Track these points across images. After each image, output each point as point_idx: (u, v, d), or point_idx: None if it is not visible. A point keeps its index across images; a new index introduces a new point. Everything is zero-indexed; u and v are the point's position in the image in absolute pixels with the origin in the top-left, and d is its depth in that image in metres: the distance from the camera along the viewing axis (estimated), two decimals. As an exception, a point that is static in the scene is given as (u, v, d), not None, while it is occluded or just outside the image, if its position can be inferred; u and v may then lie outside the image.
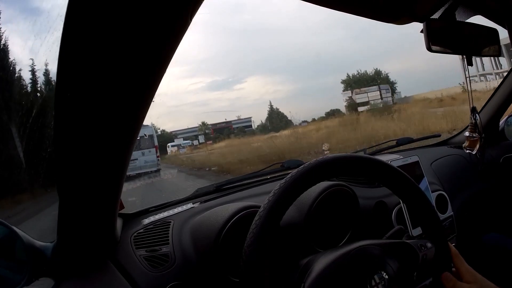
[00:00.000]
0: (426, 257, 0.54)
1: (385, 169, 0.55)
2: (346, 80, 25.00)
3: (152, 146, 11.58)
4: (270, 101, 34.99)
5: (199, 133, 31.11)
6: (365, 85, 22.22)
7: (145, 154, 11.10)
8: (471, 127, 1.04)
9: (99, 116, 0.39)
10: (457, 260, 0.56)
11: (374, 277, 0.48)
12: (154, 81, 0.38)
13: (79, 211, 0.52)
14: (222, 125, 31.77)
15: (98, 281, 0.57)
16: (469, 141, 1.07)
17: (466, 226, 1.05)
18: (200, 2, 0.32)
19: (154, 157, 11.42)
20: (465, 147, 1.08)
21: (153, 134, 12.09)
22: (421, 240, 0.56)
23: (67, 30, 0.31)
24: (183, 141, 28.82)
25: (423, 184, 0.92)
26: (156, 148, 11.72)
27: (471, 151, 1.09)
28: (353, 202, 0.82)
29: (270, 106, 32.17)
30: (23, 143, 5.07)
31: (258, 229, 0.45)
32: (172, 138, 30.13)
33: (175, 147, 26.15)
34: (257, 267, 0.44)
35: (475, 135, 1.04)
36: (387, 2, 0.67)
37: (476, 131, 1.03)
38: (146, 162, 10.84)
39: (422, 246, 0.55)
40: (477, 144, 1.05)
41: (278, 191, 0.48)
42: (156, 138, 12.54)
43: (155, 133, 13.21)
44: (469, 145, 1.07)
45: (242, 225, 0.63)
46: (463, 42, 0.79)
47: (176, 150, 25.17)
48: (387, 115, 13.88)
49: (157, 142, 12.27)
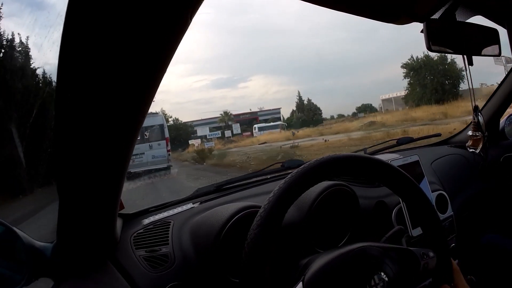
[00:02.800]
0: (427, 265, 0.54)
1: (385, 169, 0.55)
2: (408, 64, 20.48)
3: (162, 138, 9.65)
4: (298, 91, 32.14)
5: (219, 123, 26.01)
6: (430, 71, 19.33)
7: (153, 148, 9.25)
8: (474, 126, 1.04)
9: (99, 116, 0.39)
10: (457, 276, 0.56)
11: (373, 277, 0.48)
12: (154, 80, 0.38)
13: (79, 211, 0.52)
14: (247, 117, 28.45)
15: (98, 281, 0.57)
16: (472, 140, 1.06)
17: (466, 226, 1.05)
18: (200, 2, 0.32)
19: (164, 151, 9.57)
20: (468, 146, 1.08)
21: (163, 123, 10.05)
22: (424, 249, 0.55)
23: (67, 29, 0.31)
24: (209, 132, 23.34)
25: (423, 183, 0.92)
26: (167, 141, 9.76)
27: (474, 150, 1.09)
28: (353, 202, 0.82)
29: (298, 97, 28.77)
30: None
31: (259, 229, 0.45)
32: (189, 130, 25.17)
33: (198, 139, 21.18)
34: (257, 267, 0.44)
35: (478, 134, 1.04)
36: (387, 2, 0.67)
37: (479, 130, 1.03)
38: (154, 157, 9.18)
39: (424, 255, 0.54)
40: (480, 142, 1.05)
41: (279, 191, 0.48)
42: (167, 129, 10.41)
43: (165, 122, 10.90)
44: (472, 144, 1.07)
45: (242, 225, 0.63)
46: (463, 42, 0.79)
47: (200, 143, 19.67)
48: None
49: (168, 134, 10.21)
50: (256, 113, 28.91)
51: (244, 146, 17.67)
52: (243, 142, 20.30)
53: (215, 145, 19.27)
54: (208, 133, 23.69)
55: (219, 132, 24.34)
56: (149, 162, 8.95)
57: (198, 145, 19.74)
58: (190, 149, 18.61)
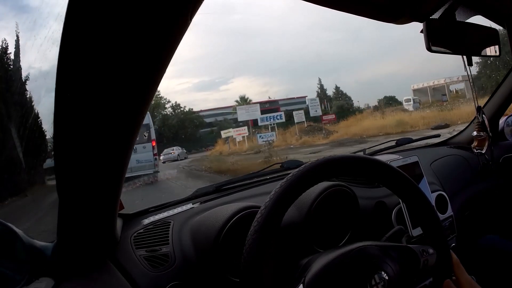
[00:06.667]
0: (427, 262, 0.54)
1: (384, 170, 0.55)
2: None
3: (148, 140, 8.61)
4: (336, 85, 29.95)
5: (233, 113, 19.51)
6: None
7: (138, 151, 8.09)
8: (478, 126, 1.03)
9: (98, 116, 0.39)
10: (458, 269, 0.56)
11: (374, 277, 0.48)
12: (154, 80, 0.38)
13: (79, 211, 0.52)
14: (266, 106, 22.20)
15: (98, 281, 0.57)
16: (477, 140, 1.06)
17: (466, 226, 1.05)
18: (200, 2, 0.33)
19: (151, 154, 8.61)
20: (474, 147, 1.07)
21: (149, 123, 8.93)
22: (423, 246, 0.56)
23: (67, 30, 0.31)
24: (260, 115, 14.14)
25: (422, 184, 0.92)
26: (153, 143, 8.69)
27: (480, 151, 1.08)
28: (353, 202, 0.82)
29: (336, 88, 25.49)
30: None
31: (256, 235, 0.45)
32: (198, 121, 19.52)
33: (241, 128, 13.79)
34: (257, 267, 0.44)
35: (483, 134, 1.03)
36: (387, 1, 0.67)
37: (484, 130, 1.03)
38: (139, 162, 8.21)
39: (424, 252, 0.54)
40: (485, 142, 1.04)
41: (279, 191, 0.48)
42: (153, 129, 9.21)
43: (152, 122, 9.62)
44: (478, 145, 1.06)
45: (242, 225, 0.63)
46: (463, 42, 0.79)
47: (246, 135, 12.21)
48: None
49: (154, 135, 9.04)
50: (277, 102, 23.95)
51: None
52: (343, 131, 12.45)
53: (275, 141, 11.05)
54: (260, 116, 13.77)
55: (281, 115, 14.52)
56: (133, 168, 7.84)
57: (242, 138, 11.96)
58: (221, 147, 11.72)
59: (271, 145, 10.50)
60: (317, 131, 14.68)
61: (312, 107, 16.67)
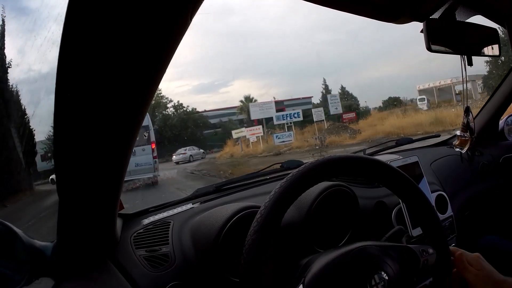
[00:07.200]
0: (427, 262, 0.54)
1: (384, 170, 0.55)
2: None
3: (147, 142, 8.32)
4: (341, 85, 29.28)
5: (238, 113, 18.90)
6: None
7: (137, 154, 7.86)
8: (462, 127, 1.04)
9: (99, 116, 0.39)
10: (458, 262, 0.58)
11: (374, 277, 0.48)
12: (154, 80, 0.38)
13: (79, 211, 0.52)
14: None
15: (98, 281, 0.57)
16: (459, 140, 1.07)
17: (466, 227, 1.05)
18: (200, 2, 0.33)
19: (150, 157, 8.32)
20: (455, 145, 1.09)
21: (148, 124, 8.64)
22: (423, 246, 0.56)
23: (67, 30, 0.31)
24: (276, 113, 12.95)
25: (422, 184, 0.92)
26: (152, 146, 8.40)
27: (461, 150, 1.10)
28: (353, 202, 0.82)
29: (341, 88, 24.65)
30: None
31: (259, 229, 0.45)
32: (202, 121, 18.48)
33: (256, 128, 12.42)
34: (257, 267, 0.44)
35: (466, 135, 1.04)
36: (387, 1, 0.67)
37: (468, 131, 1.04)
38: (138, 165, 7.96)
39: (423, 252, 0.55)
40: (467, 143, 1.06)
41: (279, 191, 0.48)
42: (153, 131, 8.92)
43: (151, 123, 9.43)
44: (459, 144, 1.08)
45: (242, 225, 0.63)
46: (463, 42, 0.79)
47: (261, 135, 11.03)
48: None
49: (154, 137, 8.70)
50: (282, 103, 22.53)
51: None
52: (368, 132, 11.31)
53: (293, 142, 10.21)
54: (275, 114, 12.48)
55: (299, 112, 13.23)
56: (132, 171, 7.54)
57: (256, 138, 10.74)
58: (231, 149, 10.91)
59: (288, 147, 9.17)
60: (342, 130, 13.54)
61: (332, 104, 15.76)
